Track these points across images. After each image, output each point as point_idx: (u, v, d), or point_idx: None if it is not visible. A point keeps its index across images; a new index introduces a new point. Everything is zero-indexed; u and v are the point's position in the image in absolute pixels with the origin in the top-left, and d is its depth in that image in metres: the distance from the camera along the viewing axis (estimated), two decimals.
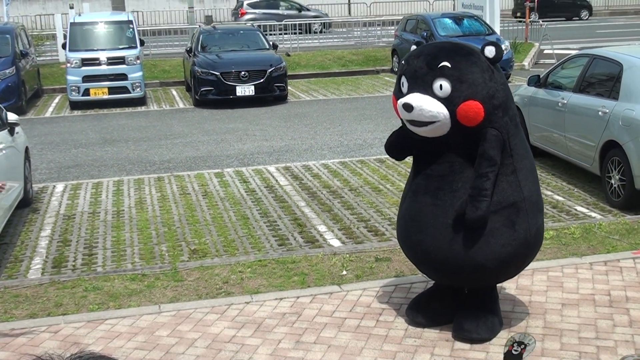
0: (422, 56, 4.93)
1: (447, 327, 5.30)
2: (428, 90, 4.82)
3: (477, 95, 4.76)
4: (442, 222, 4.96)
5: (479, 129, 4.82)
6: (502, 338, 5.14)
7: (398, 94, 5.05)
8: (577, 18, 37.26)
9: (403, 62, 5.08)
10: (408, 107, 4.82)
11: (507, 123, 4.91)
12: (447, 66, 4.79)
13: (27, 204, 9.15)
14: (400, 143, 5.33)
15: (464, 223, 4.87)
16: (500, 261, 4.97)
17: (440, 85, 4.78)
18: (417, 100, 4.82)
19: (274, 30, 24.79)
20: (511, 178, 4.94)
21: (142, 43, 17.96)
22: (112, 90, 16.82)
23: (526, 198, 4.99)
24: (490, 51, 4.90)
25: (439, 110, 4.78)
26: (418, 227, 5.09)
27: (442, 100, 4.78)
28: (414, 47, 5.24)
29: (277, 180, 10.01)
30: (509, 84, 17.80)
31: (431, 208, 5.01)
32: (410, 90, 4.91)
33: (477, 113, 4.76)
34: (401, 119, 5.12)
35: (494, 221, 4.89)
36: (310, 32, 27.50)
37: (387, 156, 11.28)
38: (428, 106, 4.79)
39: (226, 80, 16.34)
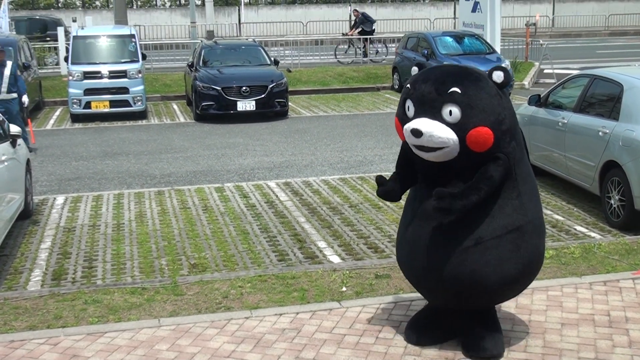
0: (430, 81, 4.84)
1: (446, 345, 5.30)
2: (437, 116, 4.75)
3: (487, 121, 4.72)
4: (449, 246, 4.93)
5: (487, 154, 4.80)
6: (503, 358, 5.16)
7: (403, 117, 4.96)
8: None
9: (408, 85, 4.96)
10: (417, 133, 4.74)
11: (514, 148, 4.90)
12: (457, 92, 4.73)
13: (27, 216, 9.16)
14: (403, 168, 5.27)
15: (472, 248, 4.88)
16: (505, 284, 4.99)
17: (450, 111, 4.72)
18: (427, 126, 4.74)
19: (276, 46, 24.91)
20: (516, 202, 4.94)
21: (144, 57, 18.03)
22: (113, 103, 16.88)
23: (530, 221, 4.99)
24: (498, 76, 4.86)
25: (449, 136, 4.72)
26: (425, 252, 5.03)
27: (452, 125, 4.72)
28: (415, 69, 5.16)
29: (277, 196, 10.03)
30: None
31: (439, 232, 4.96)
32: (417, 115, 4.83)
33: (487, 139, 4.72)
34: (404, 142, 5.06)
35: (501, 246, 4.88)
36: None
37: (387, 173, 11.34)
38: (438, 132, 4.72)
39: (227, 95, 16.39)
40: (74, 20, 24.45)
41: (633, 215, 8.10)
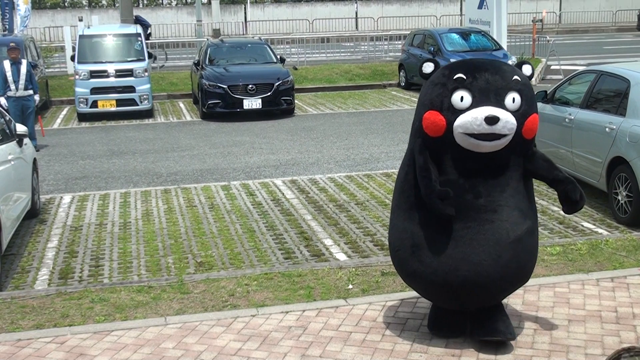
0: (490, 70, 4.90)
1: (452, 343, 5.30)
2: (500, 104, 4.84)
3: (535, 108, 5.01)
4: (501, 242, 4.97)
5: (531, 143, 5.04)
6: (509, 352, 5.14)
7: (451, 110, 4.84)
8: None
9: (462, 76, 4.87)
10: (493, 120, 4.73)
11: None
12: (518, 79, 4.94)
13: (34, 215, 9.18)
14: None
15: (527, 238, 5.08)
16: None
17: (513, 99, 4.87)
18: (502, 112, 4.79)
19: (282, 44, 24.88)
20: None
21: (150, 55, 18.06)
22: (119, 102, 16.92)
23: None
24: (528, 69, 5.15)
25: (515, 122, 4.84)
26: (476, 256, 4.95)
27: (514, 113, 4.86)
28: (430, 64, 5.07)
29: (283, 194, 10.03)
30: None
31: (490, 226, 4.93)
32: (477, 104, 4.80)
33: (536, 126, 5.01)
34: (430, 140, 4.95)
35: (536, 235, 5.30)
36: None
37: (394, 170, 11.41)
38: (511, 119, 4.82)
39: (233, 93, 16.40)
40: (81, 19, 24.47)
41: None
